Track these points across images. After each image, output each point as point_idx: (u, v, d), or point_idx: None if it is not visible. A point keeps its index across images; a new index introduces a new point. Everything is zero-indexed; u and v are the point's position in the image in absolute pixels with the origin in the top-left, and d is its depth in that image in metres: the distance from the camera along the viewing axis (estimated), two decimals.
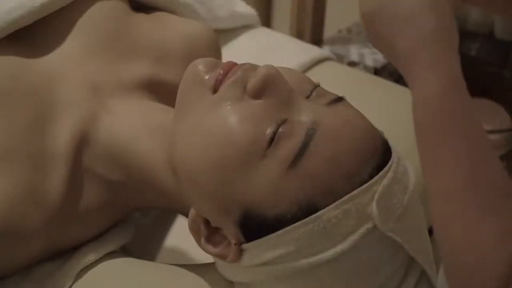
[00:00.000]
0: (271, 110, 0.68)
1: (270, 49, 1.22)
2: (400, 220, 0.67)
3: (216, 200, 0.69)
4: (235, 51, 1.13)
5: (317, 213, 0.66)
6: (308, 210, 0.66)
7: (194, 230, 0.72)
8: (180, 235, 0.96)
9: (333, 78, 1.10)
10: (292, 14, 1.68)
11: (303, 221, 0.66)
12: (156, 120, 0.79)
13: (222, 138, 0.67)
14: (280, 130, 0.67)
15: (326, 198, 0.66)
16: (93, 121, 0.80)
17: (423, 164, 0.58)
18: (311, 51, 1.27)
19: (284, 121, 0.67)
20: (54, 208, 0.77)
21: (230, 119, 0.68)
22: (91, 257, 0.81)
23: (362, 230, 0.65)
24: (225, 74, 0.70)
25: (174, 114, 0.74)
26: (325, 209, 0.65)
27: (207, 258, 0.77)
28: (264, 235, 0.67)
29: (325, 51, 1.36)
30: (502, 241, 0.52)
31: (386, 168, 0.67)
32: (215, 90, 0.70)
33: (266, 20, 1.75)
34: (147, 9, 0.98)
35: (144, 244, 0.99)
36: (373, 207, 0.65)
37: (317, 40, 1.69)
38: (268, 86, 0.69)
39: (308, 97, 0.71)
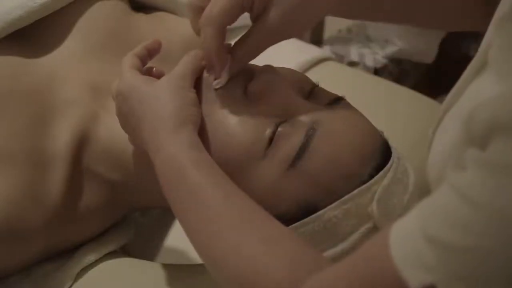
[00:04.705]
0: (270, 111, 0.68)
1: (270, 49, 1.22)
2: None
3: None
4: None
5: (317, 213, 0.66)
6: (308, 210, 0.66)
7: None
8: (180, 235, 0.96)
9: (333, 78, 1.10)
10: None
11: (303, 220, 0.66)
12: None
13: (222, 138, 0.67)
14: (279, 130, 0.67)
15: (326, 198, 0.66)
16: (93, 121, 0.80)
17: (183, 217, 0.64)
18: (311, 51, 1.27)
19: (283, 122, 0.67)
20: (54, 208, 0.77)
21: (230, 119, 0.68)
22: (91, 257, 0.81)
23: (362, 230, 0.65)
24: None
25: None
26: (325, 209, 0.65)
27: None
28: None
29: (325, 51, 1.36)
30: (291, 269, 0.55)
31: (386, 168, 0.67)
32: (215, 89, 0.70)
33: None
34: (147, 9, 0.98)
35: (144, 244, 0.99)
36: (373, 207, 0.65)
37: (317, 40, 1.69)
38: (268, 87, 0.69)
39: (307, 97, 0.71)
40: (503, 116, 0.42)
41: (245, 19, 0.71)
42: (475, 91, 0.52)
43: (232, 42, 0.71)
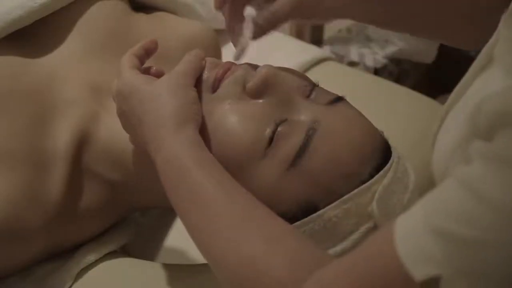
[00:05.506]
0: (270, 110, 0.68)
1: (270, 49, 1.22)
2: None
3: None
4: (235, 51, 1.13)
5: (318, 212, 0.66)
6: (308, 209, 0.66)
7: None
8: (180, 235, 0.96)
9: (333, 78, 1.10)
10: None
11: (304, 220, 0.66)
12: None
13: (221, 138, 0.67)
14: (279, 129, 0.67)
15: (326, 197, 0.66)
16: (93, 120, 0.80)
17: (185, 216, 0.64)
18: (311, 51, 1.27)
19: (283, 121, 0.67)
20: (55, 207, 0.77)
21: (230, 118, 0.68)
22: (91, 257, 0.81)
23: (362, 229, 0.65)
24: (224, 73, 0.70)
25: None
26: (326, 208, 0.65)
27: None
28: None
29: (325, 51, 1.36)
30: (292, 269, 0.55)
31: (386, 168, 0.67)
32: (214, 89, 0.70)
33: None
34: (147, 9, 0.98)
35: (144, 244, 0.99)
36: (374, 207, 0.65)
37: (317, 40, 1.69)
38: (268, 86, 0.69)
39: (307, 97, 0.71)
40: (509, 109, 0.42)
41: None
42: (479, 88, 0.52)
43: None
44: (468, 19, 0.73)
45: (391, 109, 1.13)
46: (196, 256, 0.93)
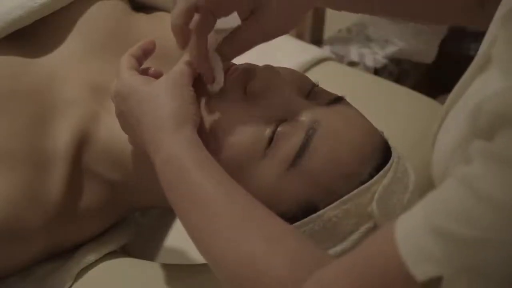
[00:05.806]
0: (270, 110, 0.68)
1: (270, 49, 1.22)
2: None
3: None
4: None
5: (318, 213, 0.66)
6: (308, 209, 0.66)
7: None
8: (180, 235, 0.96)
9: (333, 78, 1.10)
10: None
11: (303, 220, 0.66)
12: None
13: (221, 138, 0.67)
14: (279, 129, 0.67)
15: (326, 197, 0.66)
16: (93, 120, 0.80)
17: (184, 216, 0.63)
18: (311, 51, 1.27)
19: (283, 121, 0.67)
20: (55, 207, 0.77)
21: (230, 119, 0.68)
22: (91, 257, 0.81)
23: (362, 229, 0.66)
24: (225, 74, 0.70)
25: None
26: (325, 208, 0.66)
27: None
28: None
29: (325, 51, 1.36)
30: (292, 269, 0.55)
31: (386, 168, 0.67)
32: (213, 92, 0.70)
33: None
34: (147, 9, 0.98)
35: (144, 244, 0.99)
36: (373, 207, 0.65)
37: (317, 40, 1.69)
38: (268, 87, 0.69)
39: (307, 97, 0.71)
40: (509, 109, 0.42)
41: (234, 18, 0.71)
42: (478, 88, 0.52)
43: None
44: (468, 17, 0.73)
45: (391, 109, 1.13)
46: (196, 256, 0.93)
